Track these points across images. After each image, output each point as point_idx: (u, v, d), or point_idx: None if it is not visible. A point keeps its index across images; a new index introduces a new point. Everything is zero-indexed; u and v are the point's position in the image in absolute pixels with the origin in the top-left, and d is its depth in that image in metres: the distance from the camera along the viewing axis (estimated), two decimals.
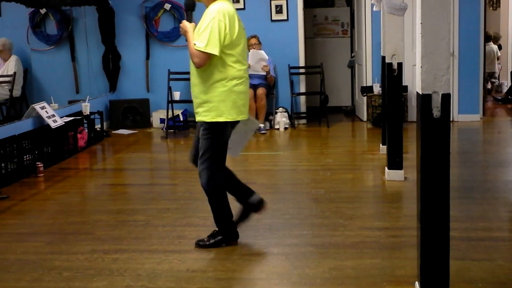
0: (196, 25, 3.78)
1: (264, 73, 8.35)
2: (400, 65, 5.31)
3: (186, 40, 3.78)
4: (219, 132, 3.77)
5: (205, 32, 3.63)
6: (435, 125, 2.67)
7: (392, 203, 4.92)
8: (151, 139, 8.20)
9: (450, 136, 2.75)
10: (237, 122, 3.84)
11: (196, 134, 3.96)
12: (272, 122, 8.54)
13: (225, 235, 3.94)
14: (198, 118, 3.83)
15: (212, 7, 3.70)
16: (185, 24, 3.81)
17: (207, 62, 3.67)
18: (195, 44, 3.65)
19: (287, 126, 8.48)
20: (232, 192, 4.03)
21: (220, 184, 3.87)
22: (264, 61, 8.26)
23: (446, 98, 2.65)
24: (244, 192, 4.05)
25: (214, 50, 3.62)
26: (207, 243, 3.92)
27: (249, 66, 8.21)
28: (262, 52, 8.27)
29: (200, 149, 3.82)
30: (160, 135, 8.26)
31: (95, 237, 4.18)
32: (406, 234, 4.02)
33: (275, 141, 7.92)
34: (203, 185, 3.84)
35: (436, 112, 2.66)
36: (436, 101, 2.65)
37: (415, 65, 2.85)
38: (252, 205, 4.04)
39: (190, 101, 8.51)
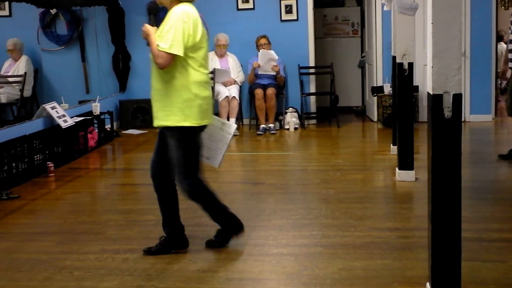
0: (158, 29, 3.70)
1: (274, 73, 8.35)
2: (410, 65, 5.28)
3: (148, 44, 3.68)
4: (187, 137, 3.68)
5: (169, 33, 3.56)
6: (447, 126, 2.65)
7: (403, 203, 4.91)
8: None
9: (462, 136, 2.73)
10: (204, 127, 3.78)
11: (158, 141, 3.88)
12: (282, 122, 8.53)
13: (229, 229, 3.93)
14: (159, 123, 3.75)
15: (176, 9, 3.65)
16: (147, 27, 3.72)
17: (171, 63, 3.59)
18: (158, 45, 3.57)
19: (297, 126, 8.47)
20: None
21: (202, 188, 3.81)
22: (274, 61, 8.25)
23: (457, 98, 2.63)
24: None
25: (178, 51, 3.56)
26: (217, 243, 3.92)
27: (258, 66, 8.27)
28: (272, 52, 8.27)
29: (173, 160, 3.72)
30: None
31: (105, 237, 4.19)
32: (416, 235, 4.00)
33: (285, 141, 7.91)
34: (189, 198, 3.79)
35: (447, 113, 2.64)
36: (448, 101, 2.63)
37: (426, 65, 2.84)
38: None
39: None
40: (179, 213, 3.94)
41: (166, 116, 3.69)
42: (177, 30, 3.56)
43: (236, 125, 4.13)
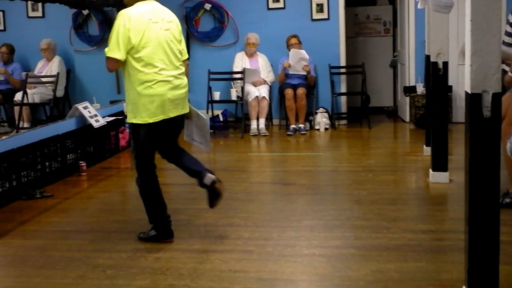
0: None
1: (305, 73, 8.31)
2: (445, 64, 5.19)
3: None
4: (137, 133, 3.91)
5: (111, 38, 3.74)
6: (485, 125, 2.59)
7: (437, 205, 4.82)
8: None
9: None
10: (157, 123, 3.85)
11: None
12: (312, 123, 8.49)
13: (158, 231, 4.04)
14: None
15: (121, 11, 3.79)
16: None
17: (115, 66, 3.79)
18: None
19: (327, 126, 8.41)
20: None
21: (147, 183, 4.01)
22: (305, 60, 8.21)
23: (497, 97, 2.57)
24: (196, 176, 4.14)
25: (116, 54, 3.71)
26: (143, 236, 4.09)
27: (289, 66, 8.24)
28: (303, 51, 8.23)
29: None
30: None
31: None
32: (452, 237, 3.93)
33: (315, 141, 7.87)
34: (136, 182, 4.06)
35: (486, 112, 2.58)
36: (486, 101, 2.57)
37: (461, 64, 2.78)
38: (207, 187, 4.09)
39: (230, 101, 8.64)
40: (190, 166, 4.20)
41: (128, 112, 3.95)
42: (115, 34, 3.73)
43: (207, 117, 4.29)
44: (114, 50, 3.71)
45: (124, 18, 3.72)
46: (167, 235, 4.05)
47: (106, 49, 3.74)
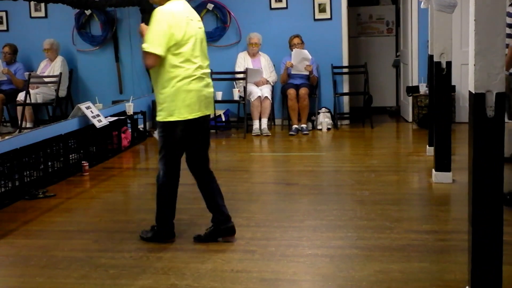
0: None
1: (307, 73, 8.30)
2: (449, 64, 5.18)
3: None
4: (171, 132, 3.84)
5: (150, 33, 3.70)
6: (489, 125, 2.58)
7: (440, 205, 4.81)
8: None
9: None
10: (193, 120, 3.84)
11: None
12: (315, 123, 8.47)
13: (160, 233, 4.04)
14: (156, 118, 3.94)
15: (159, 8, 3.76)
16: (142, 26, 3.90)
17: (155, 62, 3.72)
18: (142, 46, 3.72)
19: (330, 126, 8.39)
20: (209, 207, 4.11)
21: (171, 184, 3.99)
22: (307, 60, 8.21)
23: (500, 97, 2.56)
24: (218, 214, 4.06)
25: (157, 50, 3.67)
26: (144, 236, 4.07)
27: (291, 66, 8.23)
28: (305, 51, 8.21)
29: (158, 145, 3.97)
30: None
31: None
32: (455, 237, 3.92)
33: (317, 141, 7.86)
34: (156, 180, 4.00)
35: (489, 112, 2.57)
36: (490, 100, 2.56)
37: (464, 64, 2.77)
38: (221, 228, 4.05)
39: (232, 101, 8.62)
40: (218, 201, 4.07)
41: (158, 111, 3.87)
42: (157, 29, 3.69)
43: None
44: (155, 46, 3.67)
45: (166, 15, 3.70)
46: (168, 237, 4.06)
47: (144, 45, 3.69)
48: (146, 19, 3.92)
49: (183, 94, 3.77)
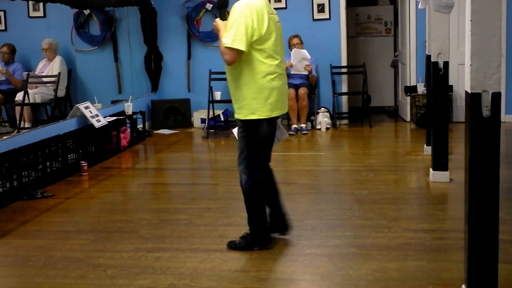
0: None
1: (306, 73, 8.31)
2: (446, 64, 5.19)
3: (219, 39, 3.71)
4: (253, 130, 3.71)
5: (232, 28, 3.55)
6: (485, 125, 2.59)
7: (437, 204, 4.83)
8: (192, 139, 8.24)
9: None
10: (274, 118, 3.78)
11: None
12: (314, 122, 8.49)
13: (256, 239, 3.86)
14: (235, 116, 3.82)
15: (239, 2, 3.63)
16: (217, 22, 3.75)
17: (236, 58, 3.58)
18: (222, 42, 3.59)
19: (328, 126, 8.41)
20: (269, 205, 4.01)
21: (258, 186, 3.79)
22: (306, 60, 8.22)
23: (496, 97, 2.57)
24: (278, 214, 4.02)
25: (241, 46, 3.54)
26: (238, 245, 3.87)
27: (291, 66, 8.24)
28: (304, 51, 8.23)
29: (237, 149, 3.79)
30: (201, 135, 8.30)
31: (138, 236, 4.21)
32: (452, 236, 3.93)
33: (316, 141, 7.87)
34: (240, 185, 3.81)
35: (485, 112, 2.58)
36: (486, 100, 2.58)
37: (461, 64, 2.79)
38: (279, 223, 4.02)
39: (231, 101, 8.58)
40: (278, 197, 4.01)
41: (238, 109, 3.75)
42: (239, 24, 3.54)
43: (286, 135, 4.18)
44: (238, 41, 3.53)
45: (247, 9, 3.56)
46: (265, 243, 3.88)
47: (226, 41, 3.55)
48: (223, 15, 3.79)
49: (267, 92, 3.66)
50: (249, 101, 3.66)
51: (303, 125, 8.19)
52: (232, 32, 3.54)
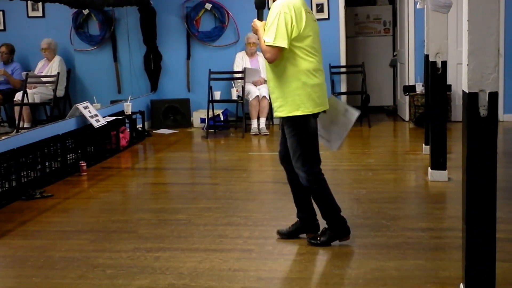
0: (265, 22, 3.78)
1: None
2: (444, 63, 5.21)
3: (258, 38, 3.81)
4: (302, 126, 3.74)
5: (272, 27, 3.63)
6: (482, 124, 2.60)
7: (436, 204, 4.84)
8: (192, 138, 8.25)
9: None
10: (317, 114, 3.80)
11: (281, 132, 3.96)
12: None
13: (335, 230, 3.87)
14: (275, 114, 3.85)
15: (278, 1, 3.71)
16: (255, 22, 3.85)
17: (278, 56, 3.65)
18: (264, 40, 3.66)
19: None
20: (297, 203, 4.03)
21: (319, 178, 3.82)
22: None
23: (493, 96, 2.58)
24: (309, 213, 4.02)
25: (283, 43, 3.61)
26: (319, 241, 3.88)
27: None
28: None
29: (290, 149, 3.82)
30: (201, 135, 8.31)
31: (137, 236, 4.22)
32: (450, 235, 3.94)
33: None
34: (304, 184, 3.82)
35: (483, 111, 2.59)
36: (483, 100, 2.58)
37: (460, 63, 2.79)
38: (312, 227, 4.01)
39: (231, 101, 8.63)
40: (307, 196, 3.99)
41: (279, 107, 3.77)
42: (279, 22, 3.62)
43: (358, 113, 4.05)
44: (280, 39, 3.60)
45: (286, 7, 3.64)
46: (344, 232, 3.88)
47: (267, 39, 3.62)
48: (260, 15, 3.87)
49: (309, 88, 3.69)
50: (292, 98, 3.71)
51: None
52: (273, 30, 3.63)
